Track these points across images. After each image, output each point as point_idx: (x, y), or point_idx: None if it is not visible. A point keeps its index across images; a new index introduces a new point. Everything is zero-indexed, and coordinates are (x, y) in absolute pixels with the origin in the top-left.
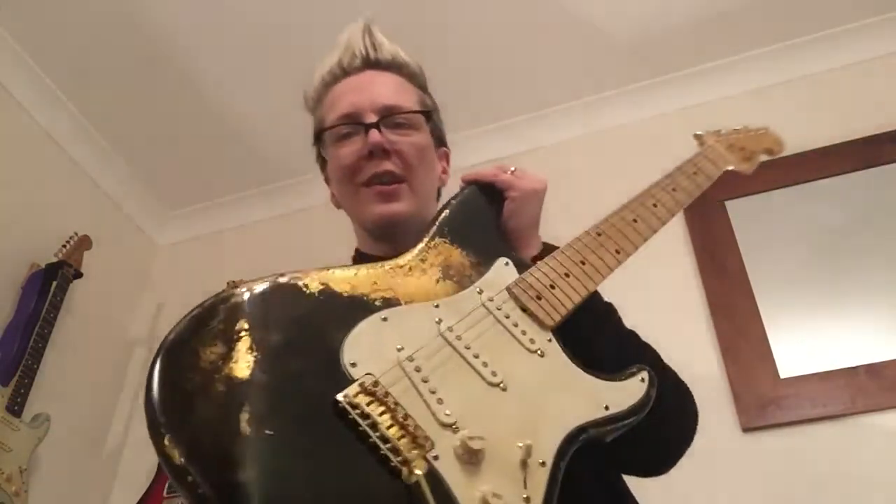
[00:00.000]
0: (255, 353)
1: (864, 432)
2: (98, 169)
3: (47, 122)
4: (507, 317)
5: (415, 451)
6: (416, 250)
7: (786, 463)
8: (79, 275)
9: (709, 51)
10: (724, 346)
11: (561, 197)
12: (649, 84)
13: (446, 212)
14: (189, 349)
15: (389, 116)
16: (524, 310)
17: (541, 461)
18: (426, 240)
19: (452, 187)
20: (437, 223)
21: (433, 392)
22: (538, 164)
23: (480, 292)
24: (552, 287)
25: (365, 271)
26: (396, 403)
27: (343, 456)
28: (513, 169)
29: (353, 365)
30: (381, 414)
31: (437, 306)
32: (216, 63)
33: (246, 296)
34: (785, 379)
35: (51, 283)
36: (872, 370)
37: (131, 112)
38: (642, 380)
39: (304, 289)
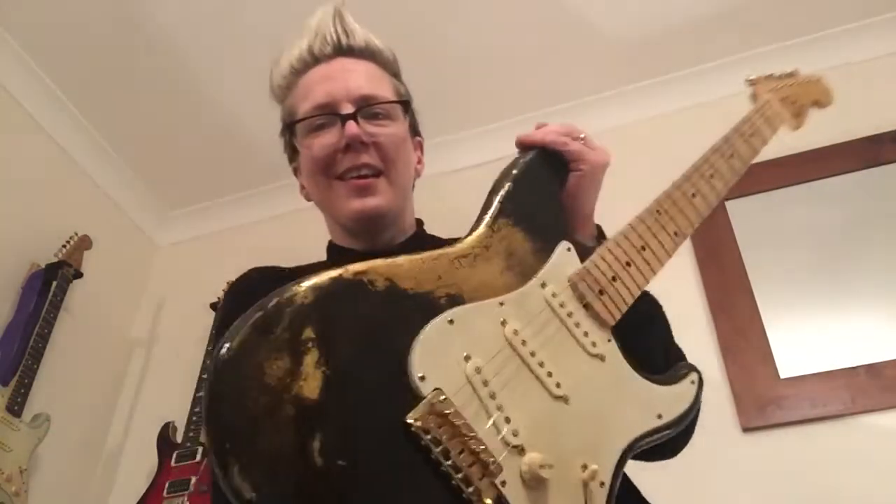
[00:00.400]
0: (322, 369)
1: (864, 432)
2: (98, 169)
3: (47, 122)
4: (570, 315)
5: (485, 480)
6: (479, 233)
7: (786, 463)
8: (79, 275)
9: (709, 51)
10: (724, 346)
11: None
12: (649, 84)
13: (508, 184)
14: (253, 362)
15: (367, 107)
16: (587, 307)
17: (601, 482)
18: (488, 220)
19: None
20: (499, 199)
21: (500, 409)
22: None
23: (543, 286)
24: (614, 280)
25: (430, 263)
26: (467, 426)
27: (415, 486)
28: (582, 135)
29: (423, 379)
30: (452, 438)
31: (501, 304)
32: (216, 63)
33: (310, 297)
34: (785, 379)
35: (51, 283)
36: (872, 370)
37: (131, 112)
38: (692, 382)
39: (370, 286)
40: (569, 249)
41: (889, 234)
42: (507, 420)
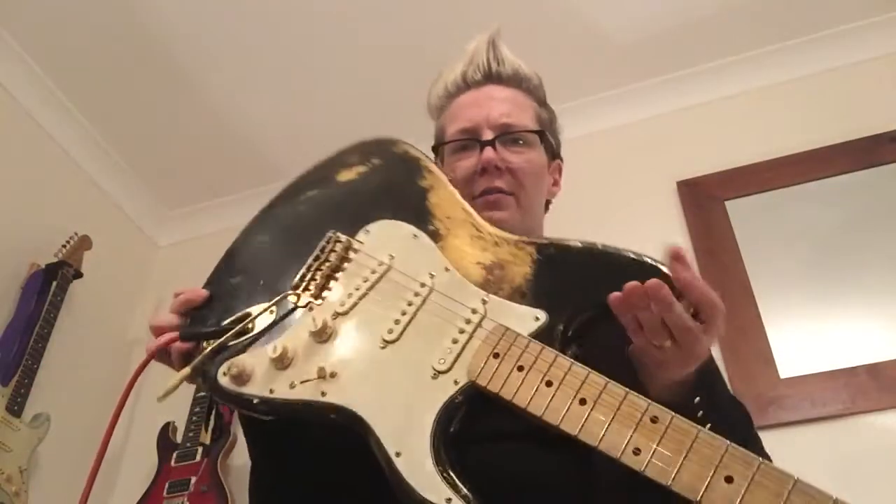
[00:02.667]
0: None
1: (864, 432)
2: (98, 169)
3: (47, 122)
4: (462, 332)
5: (310, 292)
6: (507, 234)
7: (786, 463)
8: (79, 275)
9: (708, 51)
10: (724, 346)
11: (560, 197)
12: (648, 84)
13: (574, 251)
14: None
15: (505, 135)
16: (478, 347)
17: (324, 391)
18: (527, 240)
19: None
20: (555, 245)
21: (361, 294)
22: None
23: (485, 302)
24: (520, 369)
25: (457, 210)
26: (344, 269)
27: (298, 248)
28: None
29: (367, 232)
30: (334, 260)
31: (447, 269)
32: (216, 63)
33: (399, 151)
34: (785, 379)
35: (51, 283)
36: (872, 370)
37: (131, 112)
38: (448, 500)
39: (418, 178)
40: (536, 319)
41: (889, 234)
42: (353, 304)
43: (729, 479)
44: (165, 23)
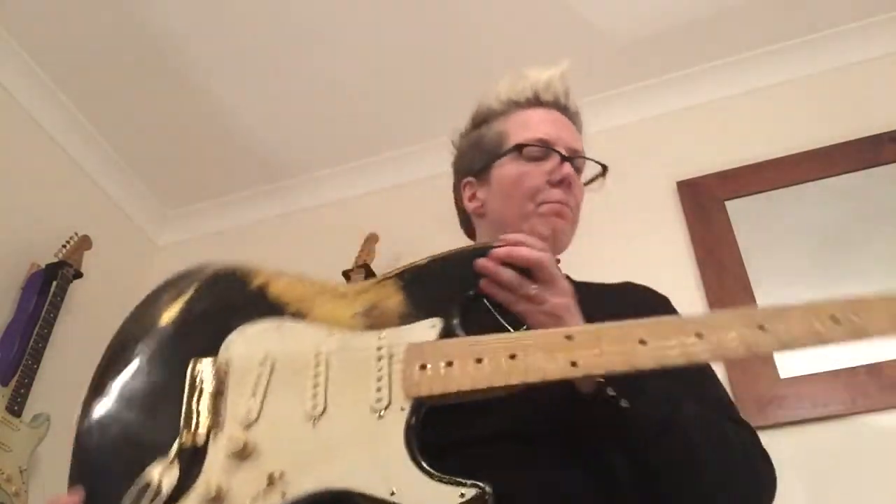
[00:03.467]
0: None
1: (864, 432)
2: (98, 169)
3: (47, 122)
4: (381, 369)
5: (205, 425)
6: (367, 282)
7: (786, 463)
8: (79, 275)
9: (709, 51)
10: None
11: None
12: (649, 84)
13: (427, 261)
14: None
15: (579, 158)
16: (403, 372)
17: (283, 492)
18: (382, 277)
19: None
20: (407, 267)
21: (262, 395)
22: None
23: (382, 338)
24: (449, 364)
25: (307, 287)
26: (227, 387)
27: (159, 399)
28: (533, 290)
29: (229, 346)
30: (211, 385)
31: (331, 334)
32: (217, 63)
33: (210, 272)
34: (785, 379)
35: (51, 283)
36: (872, 370)
37: (131, 112)
38: (462, 495)
39: (247, 282)
40: (432, 326)
41: (889, 234)
42: (259, 404)
43: (643, 342)
44: (166, 23)
